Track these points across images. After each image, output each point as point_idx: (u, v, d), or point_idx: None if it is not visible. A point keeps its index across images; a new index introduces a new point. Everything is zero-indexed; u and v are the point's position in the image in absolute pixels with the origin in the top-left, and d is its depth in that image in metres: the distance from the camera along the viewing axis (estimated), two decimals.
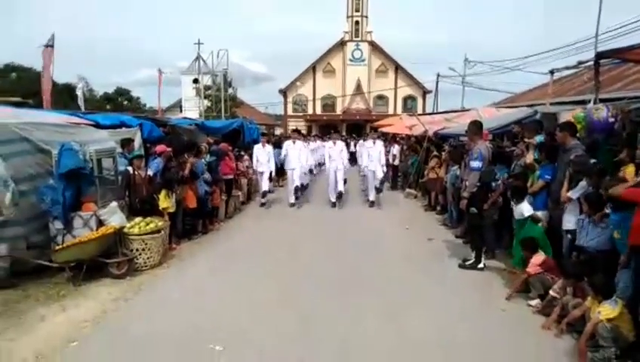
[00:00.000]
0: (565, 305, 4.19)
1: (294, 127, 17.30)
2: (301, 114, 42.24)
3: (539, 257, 4.90)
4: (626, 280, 3.85)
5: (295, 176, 11.06)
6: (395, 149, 15.30)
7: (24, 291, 5.09)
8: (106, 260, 5.56)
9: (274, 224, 9.28)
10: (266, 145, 11.54)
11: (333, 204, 11.06)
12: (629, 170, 4.41)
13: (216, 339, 3.98)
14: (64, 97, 28.78)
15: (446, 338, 4.10)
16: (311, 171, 15.46)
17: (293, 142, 11.53)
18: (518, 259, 5.48)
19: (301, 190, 11.57)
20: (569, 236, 4.98)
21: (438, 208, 10.25)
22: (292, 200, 11.11)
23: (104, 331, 4.21)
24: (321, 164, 17.42)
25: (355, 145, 20.16)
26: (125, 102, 45.52)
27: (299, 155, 11.26)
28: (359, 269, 6.14)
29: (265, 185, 11.22)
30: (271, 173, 11.47)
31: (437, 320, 4.47)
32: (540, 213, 5.61)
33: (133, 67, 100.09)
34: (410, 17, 65.87)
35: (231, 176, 9.99)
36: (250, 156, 12.09)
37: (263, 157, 11.23)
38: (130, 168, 6.72)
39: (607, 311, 3.66)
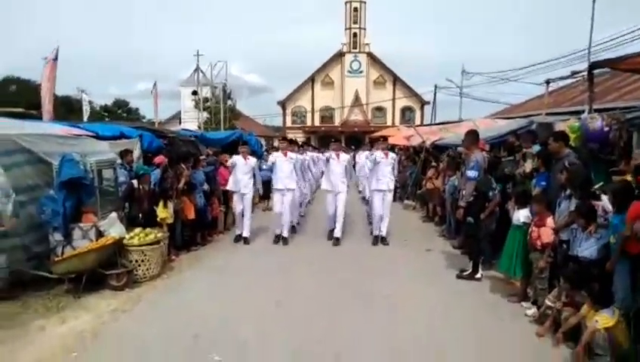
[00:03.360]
0: (560, 314, 4.22)
1: (282, 136, 14.85)
2: (300, 125, 42.50)
3: (551, 220, 4.88)
4: (624, 290, 3.88)
5: (286, 204, 8.36)
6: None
7: (24, 302, 5.10)
8: (106, 271, 5.59)
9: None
10: (249, 157, 8.60)
11: (336, 240, 8.32)
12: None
13: (215, 350, 4.00)
14: (62, 109, 28.91)
15: (443, 348, 4.13)
16: (305, 196, 11.54)
17: (284, 155, 8.64)
18: (505, 265, 5.51)
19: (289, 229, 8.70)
20: (564, 246, 5.02)
21: (437, 219, 10.29)
22: (277, 231, 8.46)
23: (103, 342, 4.23)
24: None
25: (354, 157, 15.22)
26: (124, 115, 45.74)
27: (291, 171, 8.54)
28: (356, 280, 6.17)
29: (246, 225, 8.45)
30: (254, 196, 9.03)
31: (434, 330, 4.50)
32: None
33: (131, 79, 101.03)
34: (408, 29, 66.56)
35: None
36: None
37: (242, 173, 8.41)
38: (135, 182, 6.76)
39: (604, 319, 3.69)
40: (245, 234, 8.47)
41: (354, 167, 13.45)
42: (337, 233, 8.39)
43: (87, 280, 5.42)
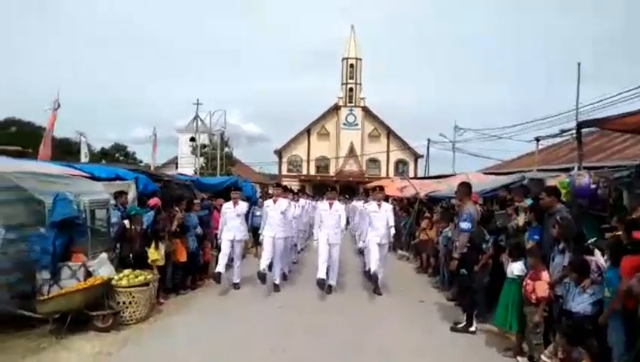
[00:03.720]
0: None
1: (276, 182, 14.65)
2: (295, 174, 42.86)
3: (546, 274, 4.85)
4: (620, 346, 3.83)
5: (277, 251, 8.17)
6: None
7: (3, 342, 4.91)
8: (92, 312, 5.44)
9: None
10: (239, 202, 8.49)
11: (328, 288, 7.98)
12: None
13: None
14: (59, 151, 29.07)
15: None
16: (295, 245, 11.28)
17: (274, 202, 8.52)
18: (500, 319, 5.43)
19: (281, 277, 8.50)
20: (560, 301, 4.98)
21: (430, 270, 10.22)
22: (263, 266, 7.93)
23: None
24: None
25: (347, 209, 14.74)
26: (122, 158, 46.01)
27: (281, 219, 8.32)
28: (348, 329, 6.04)
29: (236, 265, 8.27)
30: (245, 243, 8.62)
31: None
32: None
33: (129, 125, 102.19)
34: (403, 84, 68.71)
35: None
36: (246, 216, 9.78)
37: (232, 219, 8.31)
38: (126, 222, 6.73)
39: None
40: (235, 279, 8.28)
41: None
42: (331, 280, 8.11)
43: (72, 320, 5.26)
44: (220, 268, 7.91)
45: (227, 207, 8.43)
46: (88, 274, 5.75)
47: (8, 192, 5.63)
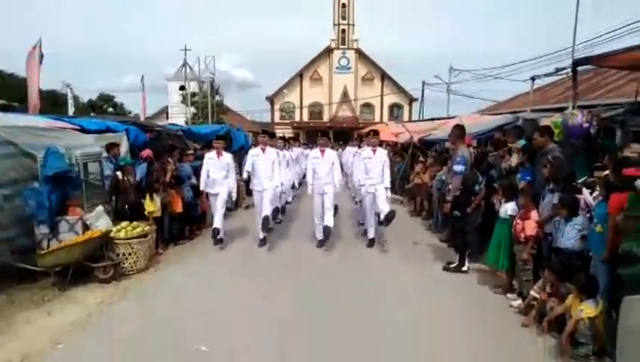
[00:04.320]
0: (545, 304, 4.31)
1: (262, 129, 13.11)
2: (288, 121, 42.45)
3: (535, 213, 4.97)
4: (604, 279, 3.97)
5: (265, 201, 7.55)
6: None
7: (9, 296, 5.04)
8: (92, 264, 5.54)
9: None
10: (223, 153, 7.75)
11: (320, 243, 7.61)
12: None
13: (202, 341, 4.01)
14: (47, 103, 28.45)
15: (427, 338, 4.19)
16: (293, 187, 11.56)
17: (262, 150, 7.84)
18: (492, 258, 5.58)
19: (275, 216, 8.06)
20: (549, 238, 5.11)
21: (424, 213, 10.39)
22: (261, 235, 7.69)
23: (90, 334, 4.21)
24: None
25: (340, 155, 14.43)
26: (110, 109, 45.12)
27: (271, 171, 7.73)
28: (343, 268, 6.23)
29: (218, 218, 7.49)
30: (230, 196, 7.78)
31: (420, 322, 4.56)
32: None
33: (117, 73, 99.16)
34: (397, 25, 66.73)
35: None
36: (239, 164, 9.92)
37: (216, 172, 7.55)
38: (119, 173, 6.72)
39: (588, 309, 3.79)
40: (216, 224, 7.45)
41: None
42: (328, 222, 7.53)
43: (74, 273, 5.38)
44: (217, 222, 7.43)
45: (210, 158, 7.66)
46: (86, 228, 5.80)
47: (0, 148, 5.55)
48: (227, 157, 7.77)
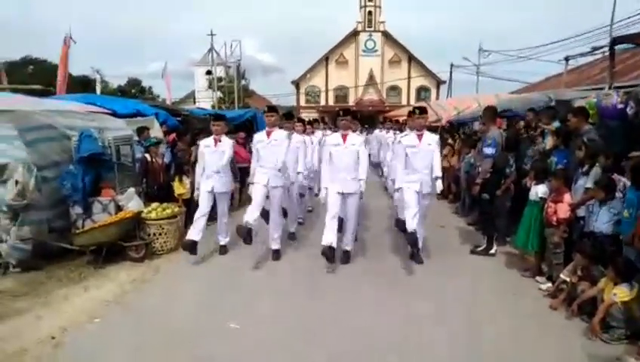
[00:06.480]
0: (575, 287, 4.23)
1: (269, 106, 8.10)
2: (314, 105, 42.29)
3: (569, 196, 4.86)
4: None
5: (274, 201, 6.00)
6: None
7: (47, 273, 5.28)
8: (125, 244, 5.73)
9: None
10: (223, 138, 6.10)
11: (344, 255, 5.85)
12: None
13: (232, 318, 4.11)
14: (79, 89, 29.20)
15: (456, 322, 4.17)
16: (302, 195, 7.93)
17: (268, 135, 5.93)
18: (521, 240, 5.48)
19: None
20: (581, 222, 4.98)
21: (451, 197, 10.26)
22: (248, 218, 5.55)
23: (125, 309, 4.37)
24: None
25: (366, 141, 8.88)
26: (138, 94, 45.99)
27: (275, 159, 5.83)
28: (366, 251, 6.23)
29: (221, 222, 6.33)
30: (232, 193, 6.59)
31: (447, 305, 4.54)
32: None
33: (145, 59, 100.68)
34: (424, 6, 65.13)
35: (245, 165, 10.02)
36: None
37: (213, 160, 5.96)
38: (147, 155, 6.88)
39: (623, 293, 3.72)
40: (222, 240, 6.34)
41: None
42: (346, 245, 5.91)
43: (107, 252, 5.57)
44: (194, 234, 5.70)
45: (206, 146, 6.09)
46: (118, 209, 5.99)
47: (39, 131, 5.76)
48: (227, 144, 6.10)
